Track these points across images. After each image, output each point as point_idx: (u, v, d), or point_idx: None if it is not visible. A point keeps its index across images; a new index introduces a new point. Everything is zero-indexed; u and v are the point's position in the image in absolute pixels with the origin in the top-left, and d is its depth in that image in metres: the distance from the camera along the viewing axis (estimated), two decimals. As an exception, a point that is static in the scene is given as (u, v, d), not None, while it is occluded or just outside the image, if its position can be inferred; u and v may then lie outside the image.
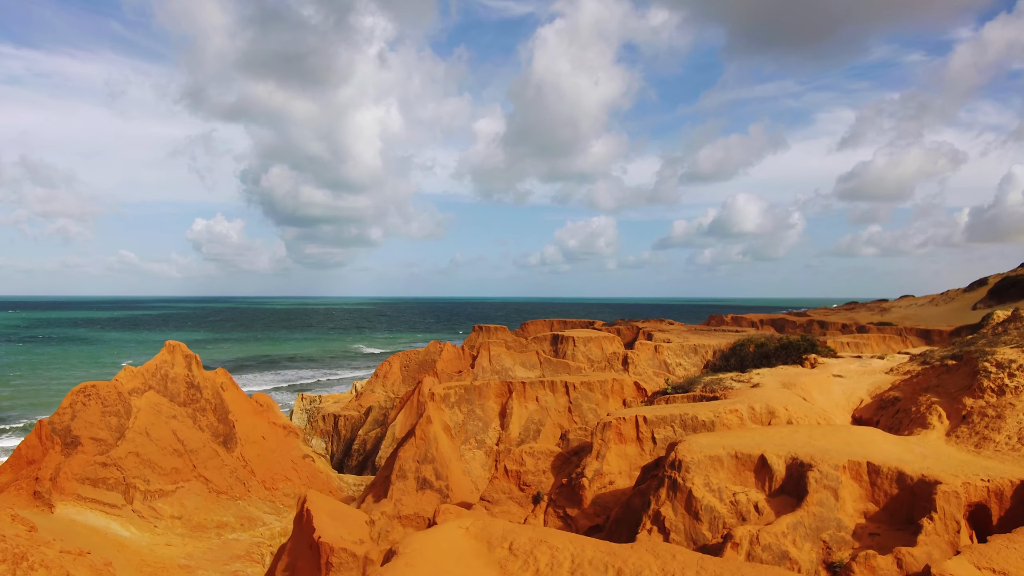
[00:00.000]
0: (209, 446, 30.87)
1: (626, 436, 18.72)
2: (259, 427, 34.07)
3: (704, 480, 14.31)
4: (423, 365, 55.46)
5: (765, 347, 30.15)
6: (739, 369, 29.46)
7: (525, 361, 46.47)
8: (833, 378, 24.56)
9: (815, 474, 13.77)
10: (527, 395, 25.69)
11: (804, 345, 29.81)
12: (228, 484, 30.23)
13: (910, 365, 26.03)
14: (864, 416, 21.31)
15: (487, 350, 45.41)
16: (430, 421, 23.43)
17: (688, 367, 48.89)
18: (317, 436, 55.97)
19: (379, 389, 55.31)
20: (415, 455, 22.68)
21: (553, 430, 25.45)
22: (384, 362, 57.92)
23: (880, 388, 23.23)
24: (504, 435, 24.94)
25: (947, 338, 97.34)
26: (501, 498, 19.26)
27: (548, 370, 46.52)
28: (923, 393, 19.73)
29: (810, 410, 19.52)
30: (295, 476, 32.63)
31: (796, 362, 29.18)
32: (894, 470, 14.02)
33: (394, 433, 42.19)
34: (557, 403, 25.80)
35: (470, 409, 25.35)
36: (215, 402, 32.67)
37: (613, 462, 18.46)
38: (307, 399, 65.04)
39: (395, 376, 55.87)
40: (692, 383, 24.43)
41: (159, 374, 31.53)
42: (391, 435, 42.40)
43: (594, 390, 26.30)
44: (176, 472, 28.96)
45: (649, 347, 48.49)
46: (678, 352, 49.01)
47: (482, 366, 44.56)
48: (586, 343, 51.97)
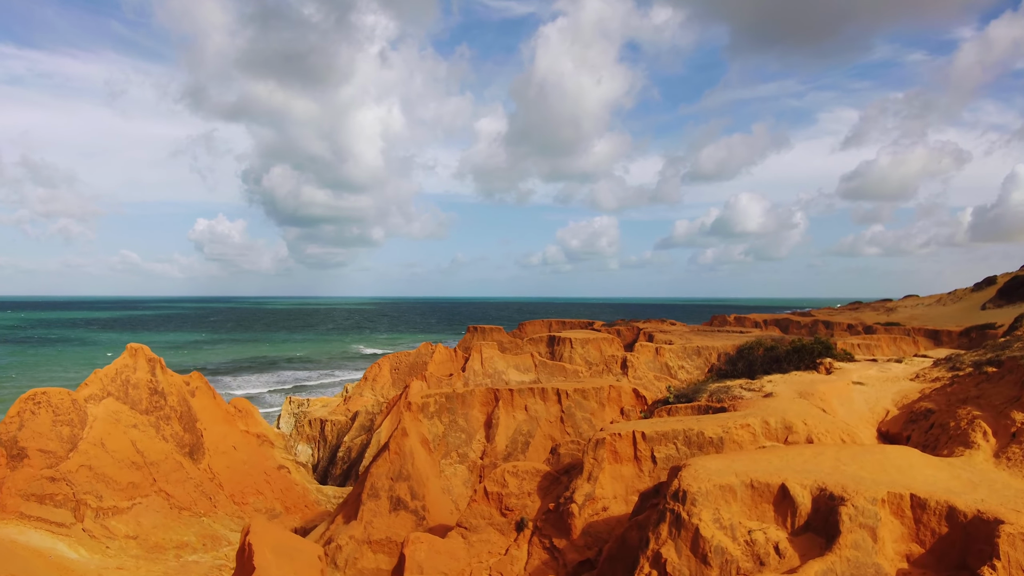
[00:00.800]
0: (172, 458, 28.49)
1: (622, 455, 16.30)
2: (230, 436, 31.68)
3: (713, 514, 11.90)
4: (414, 367, 53.09)
5: (775, 350, 27.68)
6: (747, 375, 27.02)
7: (519, 364, 44.05)
8: (853, 386, 22.14)
9: (849, 510, 11.35)
10: (515, 404, 23.33)
11: (818, 348, 27.35)
12: (192, 499, 27.85)
13: (937, 371, 23.61)
14: (892, 430, 18.90)
15: (479, 352, 43.01)
16: (406, 434, 21.04)
17: (691, 370, 46.45)
18: (303, 442, 53.61)
19: (368, 393, 52.93)
20: (388, 471, 20.31)
21: (543, 442, 23.09)
22: (374, 364, 55.53)
23: (907, 397, 20.84)
24: (490, 448, 22.56)
25: (956, 339, 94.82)
26: (480, 524, 16.84)
27: (543, 373, 44.13)
28: (961, 405, 17.32)
29: (832, 424, 17.10)
30: (268, 489, 30.25)
31: (810, 367, 26.74)
32: (943, 504, 11.59)
33: (379, 440, 39.81)
34: (548, 412, 23.43)
35: (452, 419, 22.97)
36: (181, 409, 30.30)
37: (607, 485, 16.04)
38: (295, 402, 62.72)
39: (385, 379, 53.49)
40: (697, 391, 22.02)
41: (119, 380, 29.17)
42: (376, 442, 40.03)
43: (589, 398, 23.91)
44: (133, 487, 26.58)
45: (650, 349, 46.07)
46: (680, 354, 46.59)
47: (473, 369, 42.18)
48: (584, 345, 49.53)
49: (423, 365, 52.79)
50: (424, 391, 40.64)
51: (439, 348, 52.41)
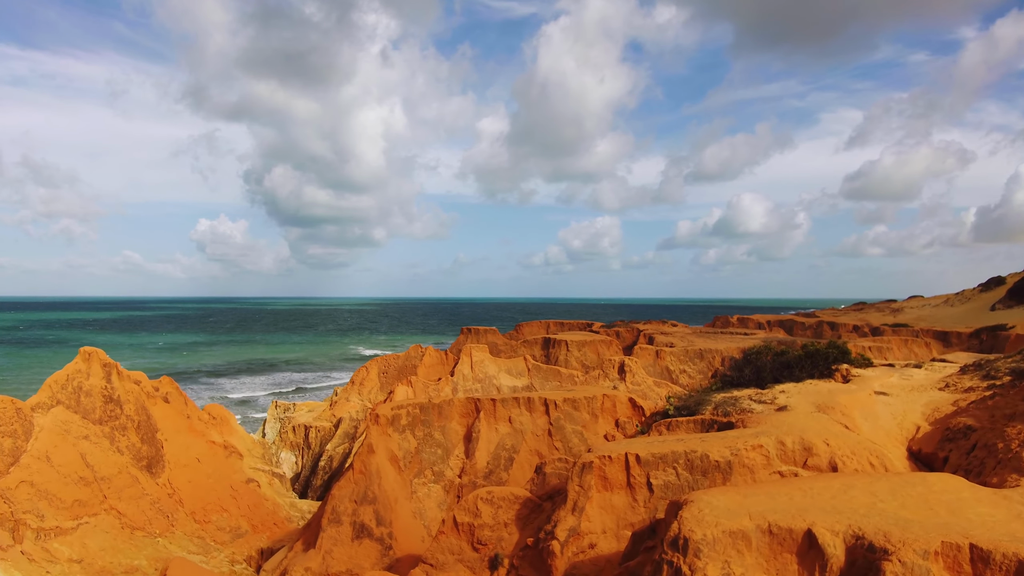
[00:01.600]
0: (127, 472, 26.10)
1: (613, 481, 13.87)
2: (194, 447, 29.28)
3: (722, 570, 9.49)
4: (403, 371, 50.70)
5: (786, 355, 25.21)
6: (756, 382, 24.56)
7: (511, 368, 41.63)
8: (876, 397, 19.70)
9: (895, 567, 8.91)
10: (498, 415, 20.92)
11: (833, 353, 24.87)
12: (147, 518, 25.45)
13: (968, 380, 21.16)
14: (924, 450, 16.48)
15: (468, 355, 40.58)
16: (372, 451, 18.69)
17: (693, 374, 44.00)
18: (287, 449, 51.22)
19: (354, 397, 50.55)
20: (352, 493, 17.94)
21: (529, 458, 20.70)
22: (361, 367, 53.11)
23: (939, 411, 18.42)
24: (469, 465, 20.16)
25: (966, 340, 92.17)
26: (448, 560, 14.42)
27: (537, 377, 41.71)
28: (1009, 422, 14.89)
29: (857, 445, 14.67)
30: (233, 505, 27.84)
31: (825, 374, 24.27)
32: (1012, 558, 9.15)
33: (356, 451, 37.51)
34: (534, 425, 21.02)
35: (427, 433, 20.53)
36: (139, 419, 27.91)
37: (595, 517, 13.61)
38: (281, 407, 60.35)
39: (372, 383, 51.09)
40: (700, 403, 19.59)
41: (70, 386, 26.79)
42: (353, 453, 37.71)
43: (580, 408, 21.48)
44: (80, 505, 24.19)
45: (650, 352, 43.63)
46: (682, 358, 44.15)
47: (462, 373, 39.77)
48: (580, 347, 47.06)
49: (412, 368, 50.40)
50: (409, 397, 38.23)
51: (429, 351, 49.99)
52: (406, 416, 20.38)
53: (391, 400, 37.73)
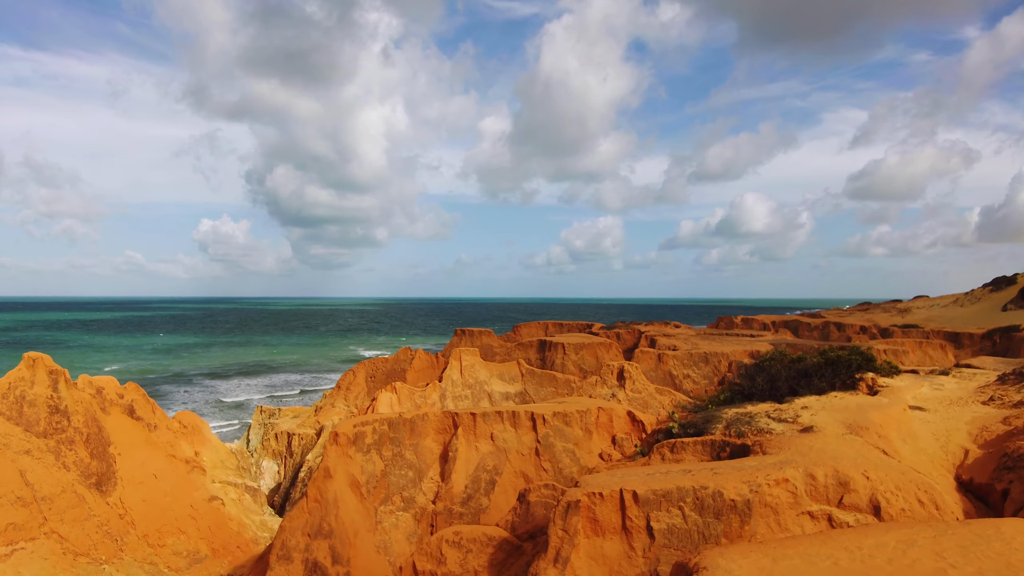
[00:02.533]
0: (72, 491, 23.56)
1: (605, 524, 11.27)
2: (152, 462, 26.73)
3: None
4: (391, 375, 48.15)
5: (803, 362, 22.58)
6: (771, 393, 21.94)
7: (504, 373, 39.03)
8: (912, 412, 17.12)
9: None
10: (478, 431, 18.32)
11: (856, 360, 22.24)
12: (92, 542, 22.91)
13: (1016, 392, 18.54)
14: (977, 479, 13.90)
15: (458, 360, 37.99)
16: (329, 475, 16.14)
17: (697, 379, 41.36)
18: (269, 457, 48.66)
19: (340, 403, 47.99)
20: (304, 525, 15.41)
21: (514, 480, 18.11)
22: (348, 371, 50.54)
23: (988, 430, 15.80)
24: (444, 489, 17.54)
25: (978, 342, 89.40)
26: (406, 616, 11.80)
27: (531, 383, 39.12)
28: (1087, 450, 12.33)
29: (902, 477, 12.09)
30: (193, 527, 25.29)
31: (847, 384, 21.64)
32: None
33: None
34: (520, 442, 18.42)
35: (397, 453, 17.92)
36: (89, 431, 25.37)
37: (582, 569, 11.01)
38: (266, 412, 57.81)
39: (359, 388, 48.54)
40: (710, 420, 16.98)
41: (12, 396, 24.26)
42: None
43: (572, 424, 18.87)
44: (16, 529, 21.66)
45: (651, 356, 41.03)
46: (686, 362, 41.52)
47: (451, 379, 37.19)
48: (578, 351, 44.46)
49: (402, 372, 47.86)
50: (394, 404, 35.63)
51: (419, 354, 47.43)
52: (372, 434, 17.78)
53: (373, 408, 35.18)
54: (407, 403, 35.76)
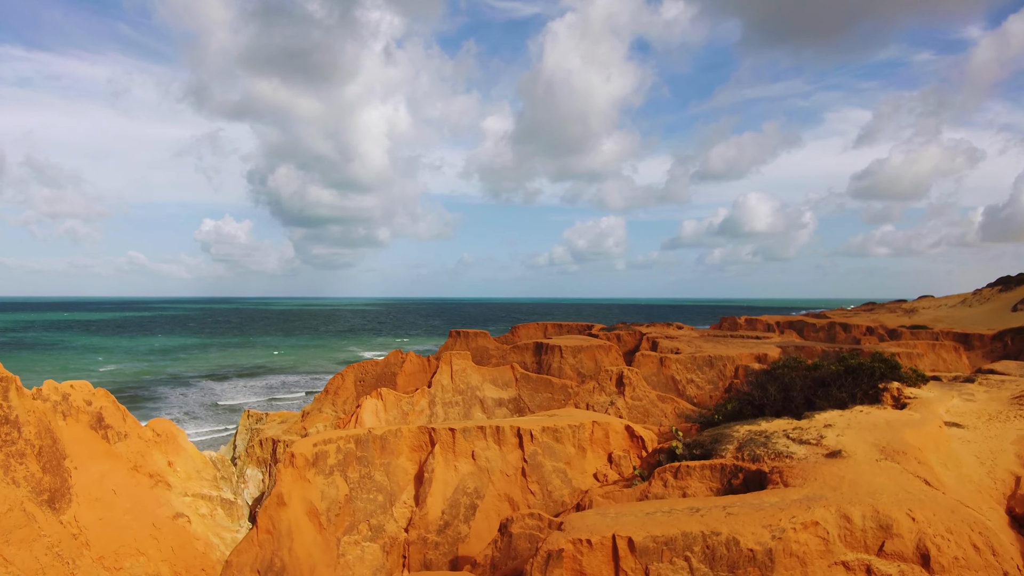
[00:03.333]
0: (21, 509, 21.51)
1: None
2: (112, 476, 24.70)
3: None
4: (381, 378, 46.13)
5: (820, 370, 20.49)
6: (784, 403, 19.85)
7: (497, 377, 36.97)
8: (949, 430, 15.04)
9: None
10: (458, 449, 16.25)
11: (880, 368, 20.13)
12: (41, 565, 20.87)
13: (1064, 405, 16.48)
14: (1036, 514, 11.86)
15: (448, 364, 35.93)
16: (282, 503, 14.13)
17: (701, 384, 39.27)
18: (253, 465, 46.63)
19: (327, 408, 45.98)
20: (254, 561, 13.37)
21: (497, 505, 16.01)
22: (336, 375, 48.50)
23: (1040, 451, 13.77)
24: (419, 515, 15.45)
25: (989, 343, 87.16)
26: None
27: (526, 388, 37.06)
28: None
29: (952, 517, 10.01)
30: (154, 547, 23.26)
31: (870, 395, 19.54)
32: None
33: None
34: (505, 462, 16.34)
35: (365, 474, 15.81)
36: (41, 443, 23.34)
37: (565, 634, 8.92)
38: (253, 416, 55.81)
39: (348, 392, 46.52)
40: (719, 440, 14.85)
41: (-46, 406, 22.22)
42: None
43: (563, 440, 16.79)
44: (-50, 555, 19.63)
45: (653, 359, 38.92)
46: (689, 366, 39.42)
47: (441, 384, 35.15)
48: (576, 354, 42.39)
49: (392, 376, 45.84)
50: (379, 411, 33.59)
51: (410, 357, 45.39)
52: (336, 453, 15.71)
53: (356, 416, 33.14)
54: (393, 410, 33.74)
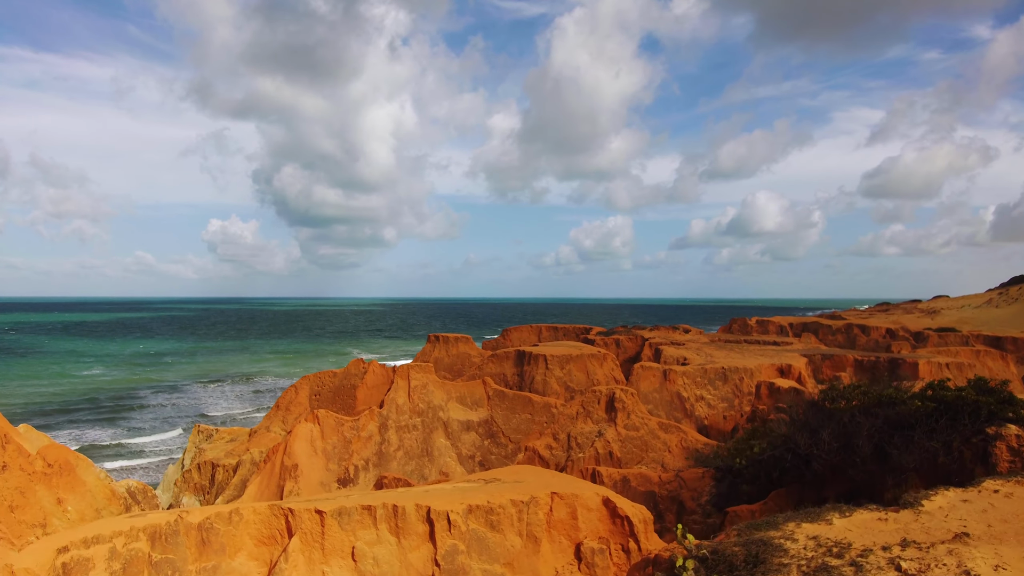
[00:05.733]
0: None
1: None
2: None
3: None
4: (339, 392, 39.75)
5: (897, 406, 13.81)
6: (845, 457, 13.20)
7: (466, 395, 30.51)
8: None
9: None
10: (329, 543, 9.88)
11: (988, 404, 13.39)
12: None
13: None
14: None
15: (405, 378, 29.46)
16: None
17: (714, 402, 32.63)
18: (191, 492, 40.30)
19: (277, 427, 39.66)
20: None
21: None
22: (289, 388, 42.14)
23: None
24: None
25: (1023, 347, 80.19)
26: None
27: (500, 408, 30.56)
28: None
29: None
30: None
31: (974, 447, 12.83)
32: None
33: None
34: (405, 564, 9.98)
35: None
36: None
37: None
38: (204, 432, 49.41)
39: (301, 408, 40.18)
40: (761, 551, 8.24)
41: None
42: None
43: (503, 526, 10.45)
44: None
45: (655, 372, 32.30)
46: (699, 380, 32.81)
47: (395, 404, 28.69)
48: (563, 364, 35.86)
49: (351, 389, 39.41)
50: (315, 438, 27.14)
51: (373, 366, 38.94)
52: (108, 561, 9.26)
53: (286, 447, 26.60)
54: (333, 437, 27.22)
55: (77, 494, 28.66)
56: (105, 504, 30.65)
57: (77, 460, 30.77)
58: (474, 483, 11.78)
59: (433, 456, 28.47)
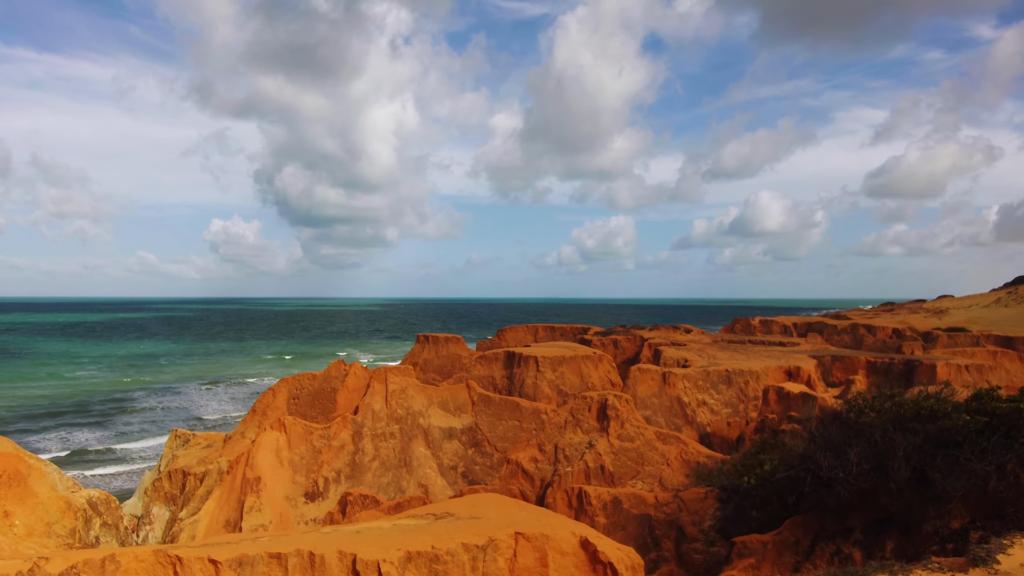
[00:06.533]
0: None
1: None
2: None
3: None
4: (319, 396, 37.44)
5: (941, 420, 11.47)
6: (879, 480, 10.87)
7: (449, 400, 28.17)
8: None
9: None
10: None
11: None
12: None
13: None
14: None
15: (382, 382, 27.11)
16: None
17: (717, 407, 30.25)
18: (161, 502, 37.97)
19: (252, 432, 37.35)
20: None
21: None
22: (267, 391, 39.85)
23: None
24: None
25: (1037, 348, 77.71)
26: None
27: (486, 414, 28.23)
28: None
29: None
30: None
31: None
32: None
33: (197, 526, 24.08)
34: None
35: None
36: None
37: None
38: (181, 437, 47.08)
39: (279, 412, 37.88)
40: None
41: None
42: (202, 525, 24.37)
43: (451, 577, 8.28)
44: None
45: (653, 375, 29.88)
46: (701, 383, 30.42)
47: (371, 411, 26.34)
48: (556, 366, 33.51)
49: (332, 392, 37.10)
50: (281, 447, 24.84)
51: (354, 368, 36.64)
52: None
53: (249, 458, 24.31)
54: (301, 447, 24.92)
55: (27, 507, 26.18)
56: (58, 518, 28.17)
57: (29, 470, 28.27)
58: (422, 519, 9.47)
59: (412, 467, 26.15)
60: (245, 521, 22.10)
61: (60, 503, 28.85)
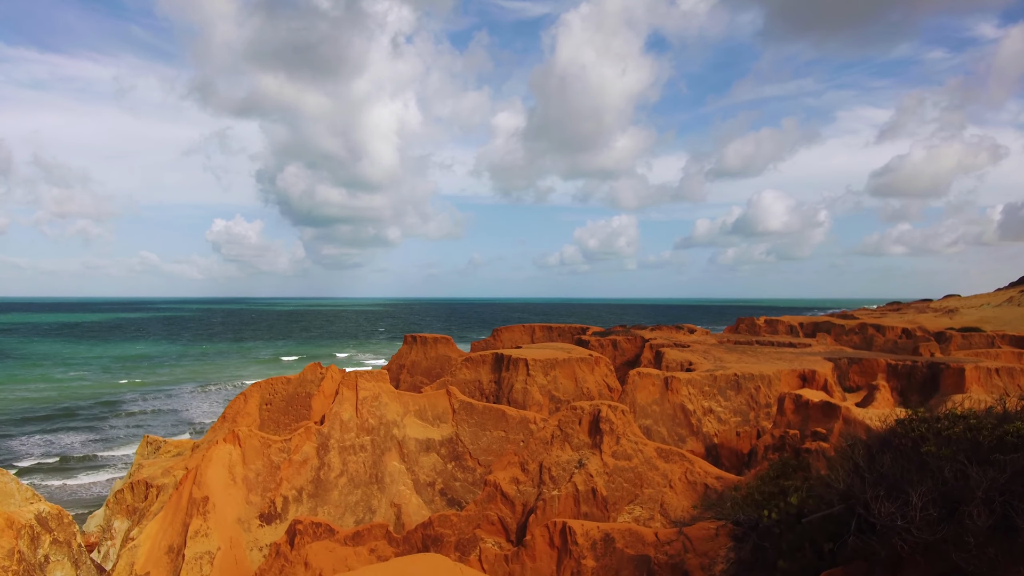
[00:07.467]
0: None
1: None
2: None
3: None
4: (293, 401, 34.68)
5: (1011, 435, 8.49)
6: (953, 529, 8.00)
7: (427, 408, 25.34)
8: None
9: None
10: None
11: None
12: None
13: None
14: None
15: (352, 390, 24.31)
16: None
17: (725, 416, 27.36)
18: (122, 515, 35.24)
19: (221, 442, 34.64)
20: None
21: None
22: (238, 396, 37.11)
23: None
24: None
25: (1054, 349, 74.68)
26: None
27: (468, 424, 25.42)
28: None
29: None
30: None
31: None
32: None
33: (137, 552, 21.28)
34: None
35: None
36: None
37: None
38: (152, 444, 44.36)
39: (250, 419, 35.16)
40: None
41: None
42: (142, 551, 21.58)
43: None
44: None
45: (654, 381, 26.99)
46: (707, 389, 27.54)
47: (339, 420, 23.55)
48: (548, 370, 30.62)
49: (307, 397, 34.33)
50: (234, 463, 22.04)
51: (331, 371, 33.84)
52: None
53: (197, 475, 21.52)
54: (258, 462, 22.10)
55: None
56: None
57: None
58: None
59: (384, 484, 23.32)
60: (189, 548, 19.35)
61: (22, 517, 25.94)
